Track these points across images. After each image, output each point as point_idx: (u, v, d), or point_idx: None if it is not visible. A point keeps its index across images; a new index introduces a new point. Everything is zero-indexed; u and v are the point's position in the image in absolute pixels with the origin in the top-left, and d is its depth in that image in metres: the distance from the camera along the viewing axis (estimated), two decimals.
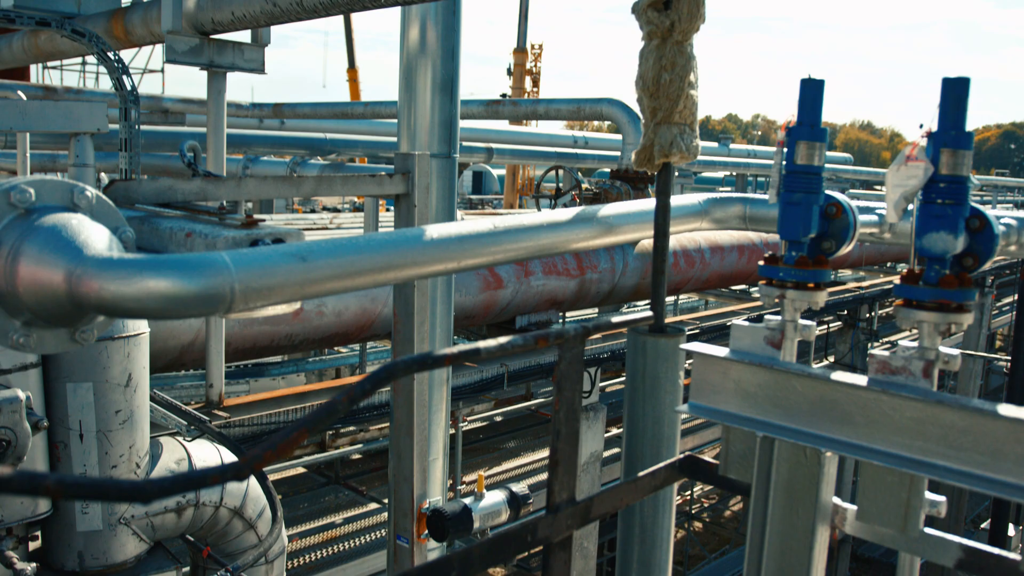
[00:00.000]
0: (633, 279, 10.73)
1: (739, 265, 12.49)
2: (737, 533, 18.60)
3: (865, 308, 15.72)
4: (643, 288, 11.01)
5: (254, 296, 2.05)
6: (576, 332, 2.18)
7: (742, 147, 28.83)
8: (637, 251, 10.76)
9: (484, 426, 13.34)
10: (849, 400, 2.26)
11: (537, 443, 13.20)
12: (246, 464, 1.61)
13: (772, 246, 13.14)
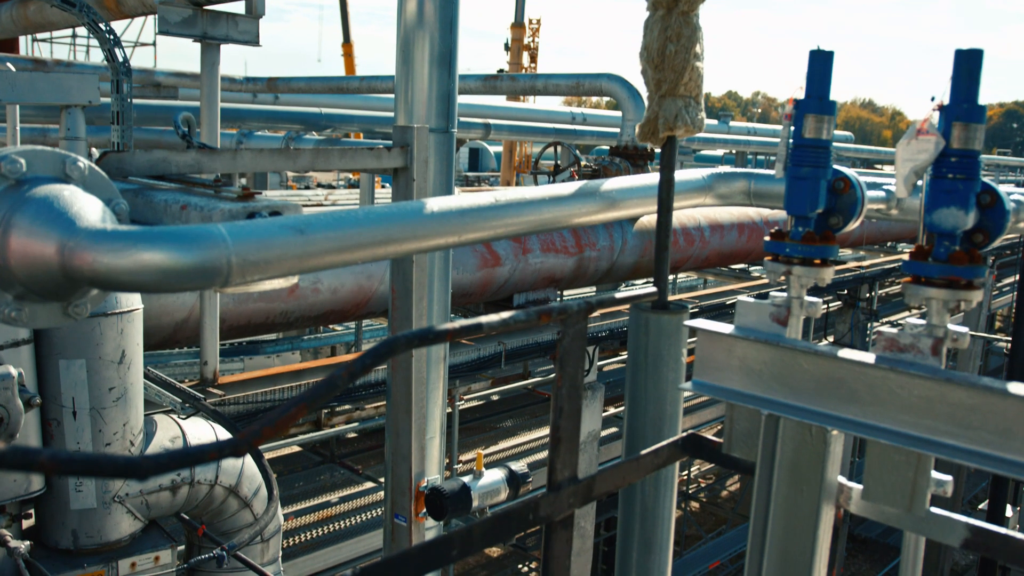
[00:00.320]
0: (632, 257, 10.70)
1: (739, 243, 12.46)
2: (734, 513, 18.69)
3: (865, 288, 15.72)
4: (642, 266, 10.98)
5: (251, 269, 2.03)
6: (579, 307, 2.16)
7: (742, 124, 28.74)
8: (636, 229, 10.72)
9: (481, 405, 13.34)
10: (856, 378, 2.24)
11: (534, 422, 13.22)
12: (244, 440, 1.59)
13: (772, 224, 13.10)
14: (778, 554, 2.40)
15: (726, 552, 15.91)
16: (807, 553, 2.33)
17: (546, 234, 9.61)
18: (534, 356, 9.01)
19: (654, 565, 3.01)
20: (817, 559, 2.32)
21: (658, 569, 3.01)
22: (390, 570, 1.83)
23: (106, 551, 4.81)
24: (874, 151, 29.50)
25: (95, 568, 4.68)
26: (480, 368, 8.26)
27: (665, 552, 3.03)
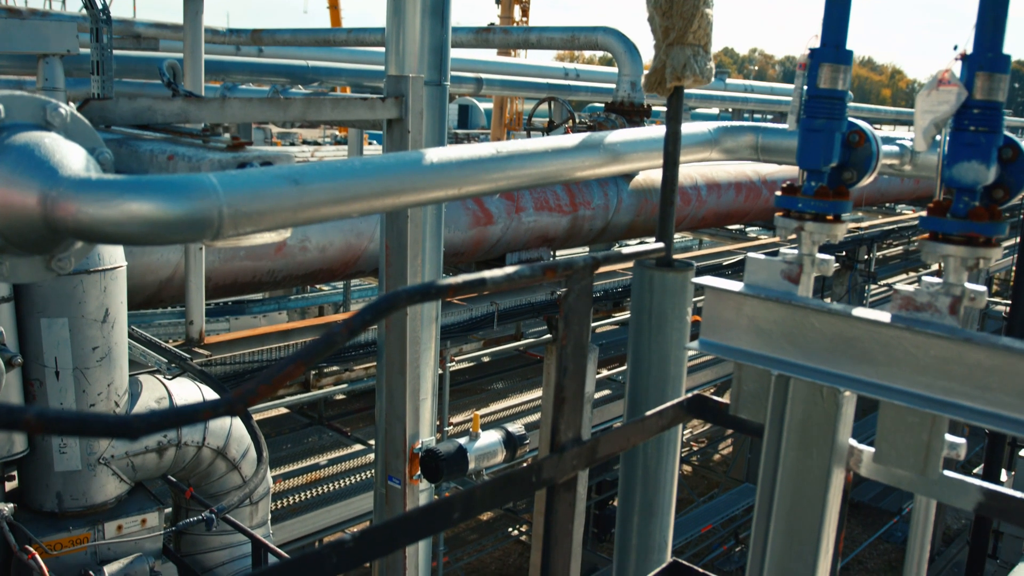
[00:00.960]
0: (627, 216, 10.65)
1: (736, 203, 12.42)
2: (727, 477, 18.84)
3: (864, 249, 15.72)
4: (637, 226, 10.94)
5: (243, 221, 1.97)
6: (585, 263, 2.11)
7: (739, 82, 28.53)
8: (632, 187, 10.66)
9: (471, 367, 13.34)
10: (870, 338, 2.20)
11: (525, 384, 13.23)
12: (239, 399, 1.54)
13: (771, 184, 13.06)
14: (785, 519, 2.38)
15: (718, 516, 16.06)
16: (816, 518, 2.31)
17: (540, 192, 9.54)
18: (527, 317, 8.98)
19: (655, 529, 2.99)
20: (827, 524, 2.30)
21: (659, 533, 3.00)
22: (391, 533, 1.80)
23: (91, 514, 4.78)
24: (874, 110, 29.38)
25: (80, 531, 4.66)
26: (472, 329, 8.23)
27: (667, 516, 3.01)
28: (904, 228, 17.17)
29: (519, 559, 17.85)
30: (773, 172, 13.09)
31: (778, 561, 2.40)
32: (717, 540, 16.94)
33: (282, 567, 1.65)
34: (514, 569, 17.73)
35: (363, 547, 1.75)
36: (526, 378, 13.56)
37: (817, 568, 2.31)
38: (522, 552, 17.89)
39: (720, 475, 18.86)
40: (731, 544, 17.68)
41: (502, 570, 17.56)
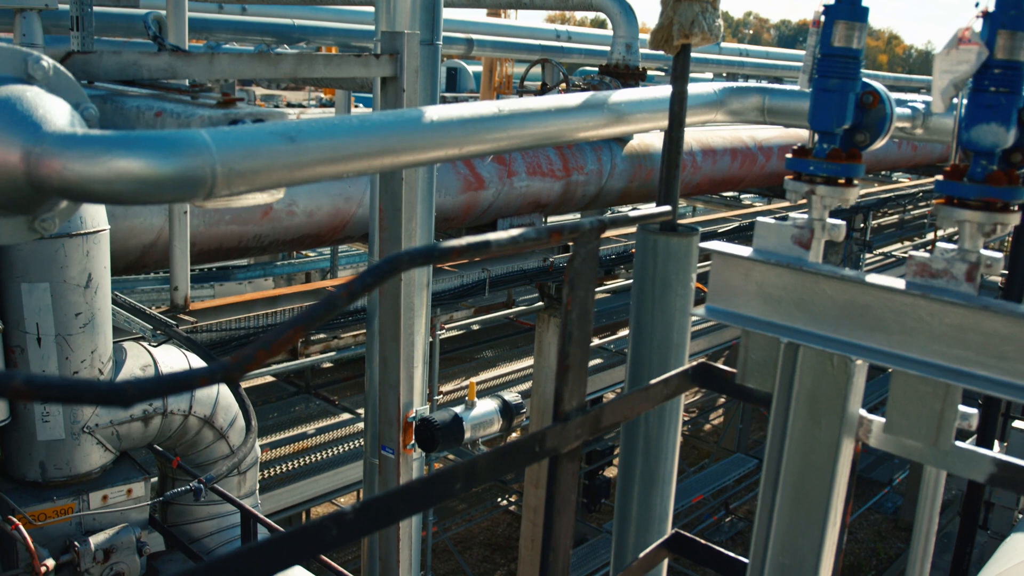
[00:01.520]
0: (620, 182, 10.59)
1: (732, 170, 12.36)
2: (717, 447, 18.95)
3: (860, 217, 15.72)
4: (631, 191, 10.88)
5: (237, 179, 1.91)
6: (592, 226, 2.07)
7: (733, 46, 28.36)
8: (626, 152, 10.60)
9: (460, 335, 13.33)
10: (883, 305, 2.17)
11: (515, 353, 13.23)
12: (237, 365, 1.50)
13: (767, 151, 13.01)
14: (792, 490, 2.36)
15: (709, 487, 16.17)
16: (824, 489, 2.30)
17: (532, 156, 9.47)
18: (519, 284, 8.94)
19: (656, 499, 2.98)
20: (835, 495, 2.29)
21: (660, 503, 2.99)
22: (392, 504, 1.77)
23: (76, 483, 4.75)
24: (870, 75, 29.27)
25: (65, 501, 4.63)
26: (463, 296, 8.19)
27: (668, 486, 3.00)
28: (901, 196, 17.17)
29: (508, 529, 17.96)
30: (770, 138, 13.03)
31: (784, 533, 2.38)
32: (708, 511, 17.07)
33: (281, 539, 1.62)
34: (503, 539, 17.85)
35: (363, 519, 1.72)
36: (516, 346, 13.55)
37: (824, 540, 2.30)
38: (511, 522, 18.00)
39: (711, 445, 18.98)
40: (721, 514, 17.83)
41: (490, 540, 17.68)
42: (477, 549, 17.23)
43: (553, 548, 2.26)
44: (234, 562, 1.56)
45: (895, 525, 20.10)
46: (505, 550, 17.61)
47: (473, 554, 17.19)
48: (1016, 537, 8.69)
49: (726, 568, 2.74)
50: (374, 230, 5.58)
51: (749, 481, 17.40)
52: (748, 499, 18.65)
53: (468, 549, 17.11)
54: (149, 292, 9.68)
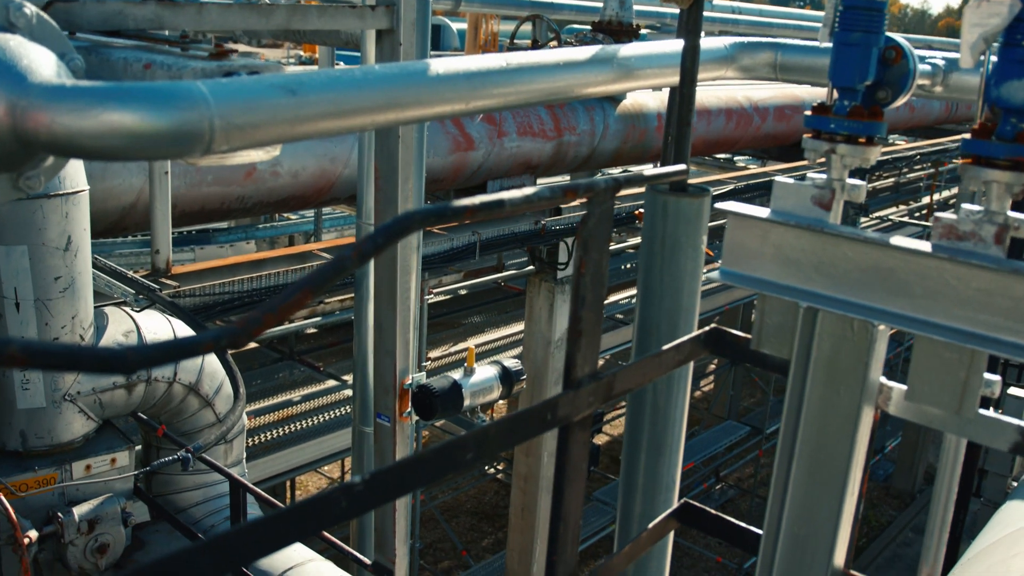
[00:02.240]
0: (613, 143, 10.52)
1: (726, 131, 12.30)
2: (708, 414, 19.05)
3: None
4: (624, 152, 10.82)
5: (236, 134, 1.85)
6: (607, 185, 2.02)
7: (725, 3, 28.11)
8: (619, 112, 10.52)
9: (447, 300, 13.28)
10: (907, 268, 2.14)
11: (503, 319, 13.20)
12: (243, 329, 1.45)
13: (762, 112, 12.94)
14: (808, 459, 2.34)
15: (699, 454, 16.27)
16: (842, 458, 2.27)
17: (523, 116, 9.38)
18: (510, 247, 8.89)
19: (663, 467, 2.96)
20: (854, 465, 2.26)
21: (668, 472, 2.97)
22: (403, 475, 1.73)
23: (58, 453, 4.70)
24: None
25: (47, 471, 4.58)
26: (453, 260, 8.14)
27: (675, 454, 2.98)
28: (897, 159, 17.16)
29: (495, 497, 18.06)
30: (766, 98, 12.96)
31: (800, 503, 2.37)
32: (698, 479, 17.20)
33: (289, 512, 1.58)
34: (489, 507, 17.95)
35: (374, 490, 1.68)
36: (504, 312, 13.53)
37: (842, 510, 2.28)
38: (497, 491, 18.09)
39: (702, 412, 19.07)
40: (712, 482, 17.96)
41: (478, 508, 17.78)
42: (464, 517, 17.33)
43: (563, 519, 2.23)
44: (242, 535, 1.52)
45: (887, 492, 20.34)
46: (492, 518, 17.72)
47: (460, 522, 17.28)
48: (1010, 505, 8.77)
49: (736, 538, 2.72)
50: (363, 191, 5.51)
51: (740, 448, 17.53)
52: (738, 467, 18.80)
53: (455, 517, 17.21)
54: (128, 256, 9.57)
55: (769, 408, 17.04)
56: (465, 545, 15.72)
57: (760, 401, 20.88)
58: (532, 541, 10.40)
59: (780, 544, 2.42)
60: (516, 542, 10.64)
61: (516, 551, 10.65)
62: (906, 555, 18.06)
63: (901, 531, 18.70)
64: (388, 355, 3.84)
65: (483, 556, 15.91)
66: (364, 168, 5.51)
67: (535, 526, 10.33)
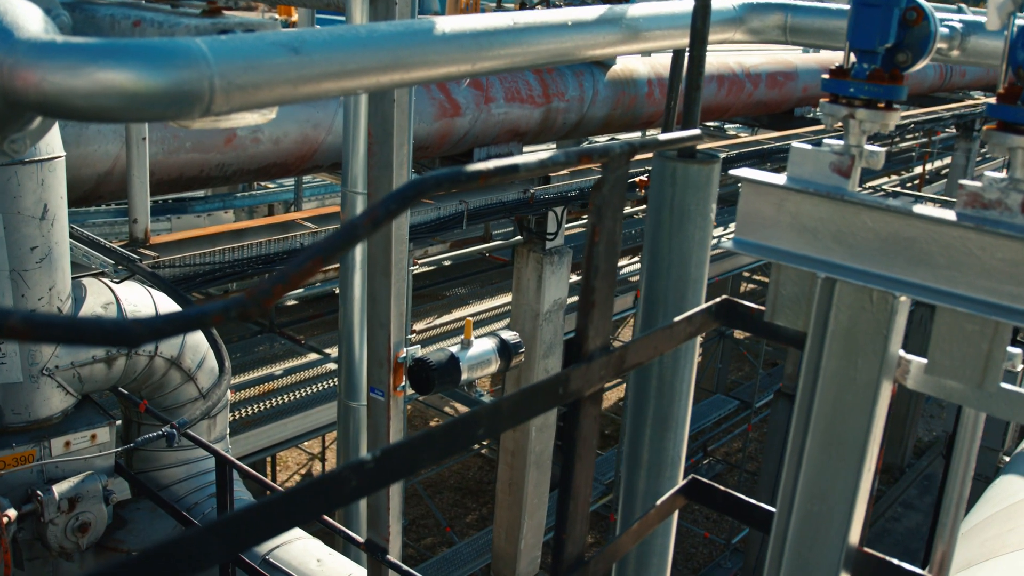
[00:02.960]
0: (603, 109, 10.46)
1: (718, 98, 12.26)
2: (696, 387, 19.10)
3: None
4: (614, 119, 10.77)
5: (237, 95, 1.79)
6: (622, 150, 1.99)
7: None
8: (608, 78, 10.45)
9: (431, 271, 13.22)
10: (929, 238, 2.12)
11: (488, 290, 13.15)
12: (253, 300, 1.41)
13: (755, 78, 12.89)
14: (824, 434, 2.33)
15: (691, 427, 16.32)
16: (859, 433, 2.26)
17: (511, 81, 9.30)
18: (498, 216, 8.84)
19: (669, 443, 2.95)
20: (871, 440, 2.25)
21: (673, 447, 2.95)
22: (414, 452, 1.70)
23: (36, 429, 4.64)
24: None
25: (25, 448, 4.53)
26: (440, 229, 8.08)
27: (682, 429, 2.96)
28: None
29: (479, 472, 18.12)
30: (758, 64, 12.92)
31: (814, 479, 2.35)
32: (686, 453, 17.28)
33: (298, 492, 1.55)
34: (473, 483, 18.02)
35: (384, 468, 1.65)
36: (490, 283, 13.48)
37: (859, 486, 2.27)
38: (482, 466, 18.16)
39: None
40: (699, 457, 18.07)
41: (461, 484, 17.84)
42: (448, 493, 17.39)
43: (573, 496, 2.21)
44: (249, 517, 1.48)
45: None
46: (476, 494, 17.79)
47: (444, 498, 17.35)
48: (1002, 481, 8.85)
49: (746, 516, 2.71)
50: (348, 158, 5.43)
51: (729, 423, 17.63)
52: (726, 441, 18.92)
53: (439, 493, 17.26)
54: (102, 226, 9.45)
55: (758, 382, 17.12)
56: (449, 521, 15.79)
57: (748, 374, 21.00)
58: (519, 517, 10.43)
59: (793, 521, 2.41)
60: (503, 518, 10.66)
61: (503, 528, 10.67)
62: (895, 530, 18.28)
63: (890, 506, 18.90)
64: (382, 328, 3.80)
65: (467, 532, 15.98)
66: (350, 134, 5.43)
67: (522, 502, 10.36)
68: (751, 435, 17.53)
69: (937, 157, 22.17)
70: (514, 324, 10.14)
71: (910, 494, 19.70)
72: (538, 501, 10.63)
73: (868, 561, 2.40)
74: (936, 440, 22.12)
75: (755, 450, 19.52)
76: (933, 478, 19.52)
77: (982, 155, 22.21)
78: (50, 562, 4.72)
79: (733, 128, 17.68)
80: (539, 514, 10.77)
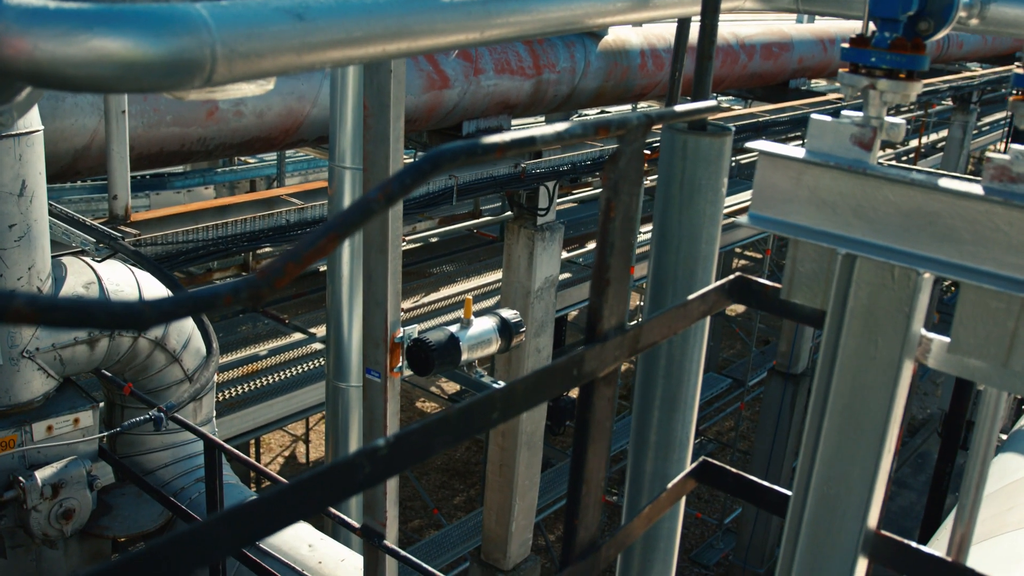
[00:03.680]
0: (595, 81, 10.40)
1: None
2: None
3: None
4: (606, 91, 10.71)
5: (240, 63, 1.74)
6: (639, 121, 1.95)
7: None
8: (600, 49, 10.38)
9: (417, 248, 13.16)
10: (954, 212, 2.09)
11: (476, 268, 13.10)
12: (264, 280, 1.37)
13: (749, 49, 12.84)
14: (841, 416, 2.31)
15: None
16: (880, 413, 2.24)
17: (500, 52, 9.23)
18: (489, 192, 8.78)
19: (678, 424, 2.92)
20: (892, 421, 2.23)
21: (682, 428, 2.93)
22: (428, 436, 1.67)
23: (16, 413, 4.59)
24: None
25: (6, 432, 4.48)
26: (429, 205, 8.02)
27: (691, 409, 2.94)
28: None
29: (467, 454, 18.14)
30: (752, 35, 12.86)
31: (831, 462, 2.34)
32: None
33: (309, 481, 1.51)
34: (461, 464, 18.04)
35: (399, 453, 1.62)
36: (478, 260, 13.43)
37: (879, 469, 2.25)
38: (469, 447, 18.17)
39: None
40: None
41: (448, 465, 17.87)
42: (434, 475, 17.41)
43: (586, 480, 2.19)
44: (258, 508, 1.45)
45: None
46: (464, 475, 17.82)
47: (430, 480, 17.37)
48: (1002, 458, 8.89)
49: (760, 498, 2.70)
50: (336, 131, 5.38)
51: (721, 402, 17.69)
52: (718, 420, 18.99)
53: (425, 475, 17.28)
54: (79, 203, 9.35)
55: (751, 360, 17.17)
56: (436, 503, 15.80)
57: (741, 352, 21.07)
58: (510, 499, 10.44)
59: (809, 504, 2.40)
60: (493, 500, 10.67)
61: (494, 510, 10.68)
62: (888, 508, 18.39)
63: None
64: (378, 306, 3.76)
65: (455, 514, 16.02)
66: (337, 106, 5.38)
67: (513, 483, 10.36)
68: (744, 414, 17.58)
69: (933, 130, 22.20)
70: (504, 302, 10.11)
71: (904, 472, 19.85)
72: (529, 482, 10.64)
73: (887, 544, 2.39)
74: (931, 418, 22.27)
75: (747, 429, 19.60)
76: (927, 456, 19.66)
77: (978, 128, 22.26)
78: (33, 550, 4.68)
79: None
80: (530, 495, 10.78)
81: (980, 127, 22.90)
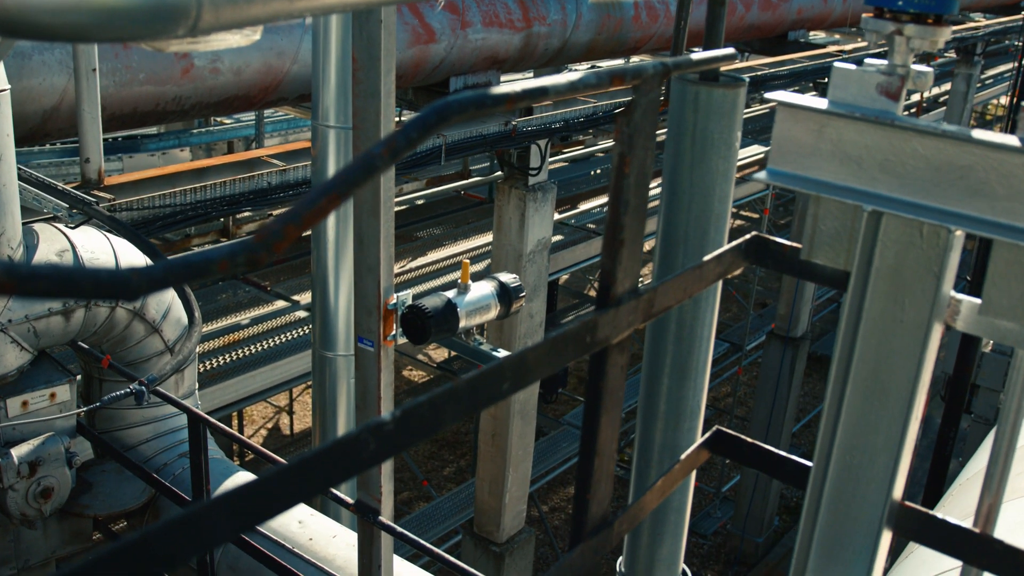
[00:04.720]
0: (587, 34, 10.28)
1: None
2: None
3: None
4: (598, 45, 10.59)
5: (227, 9, 1.66)
6: (655, 70, 1.88)
7: None
8: (592, 0, 10.25)
9: (403, 210, 13.07)
10: (988, 166, 2.04)
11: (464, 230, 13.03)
12: (263, 243, 1.31)
13: (747, 2, 12.71)
14: (865, 382, 2.26)
15: None
16: (906, 379, 2.19)
17: (489, 4, 9.10)
18: (478, 151, 8.69)
19: (688, 392, 2.88)
20: (919, 387, 2.19)
21: (693, 397, 2.89)
22: (436, 410, 1.61)
23: None
24: None
25: None
26: (417, 165, 7.93)
27: (702, 377, 2.89)
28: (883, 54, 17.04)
29: (461, 424, 18.14)
30: None
31: (854, 429, 2.29)
32: None
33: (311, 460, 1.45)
34: (450, 434, 18.08)
35: (406, 428, 1.57)
36: (466, 223, 13.35)
37: (905, 437, 2.21)
38: None
39: None
40: None
41: (437, 436, 17.87)
42: (424, 446, 17.42)
43: (599, 452, 2.14)
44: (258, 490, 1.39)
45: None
46: (453, 446, 17.86)
47: (419, 451, 17.40)
48: None
49: (776, 468, 2.66)
50: (319, 88, 5.28)
51: (718, 367, 17.71)
52: (715, 385, 19.02)
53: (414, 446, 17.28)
54: (48, 167, 9.20)
55: (749, 323, 17.17)
56: (425, 475, 15.83)
57: (738, 316, 21.09)
58: (503, 470, 10.44)
59: (831, 475, 2.36)
60: (486, 471, 10.67)
61: (486, 481, 10.69)
62: None
63: None
64: (371, 272, 3.68)
65: (445, 486, 16.05)
66: (320, 62, 5.27)
67: (506, 453, 10.36)
68: (741, 379, 17.61)
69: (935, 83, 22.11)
70: (495, 266, 10.04)
71: None
72: (523, 452, 10.64)
73: (912, 516, 2.35)
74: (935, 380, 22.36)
75: (745, 395, 19.66)
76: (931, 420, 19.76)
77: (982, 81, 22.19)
78: (11, 530, 4.63)
79: None
80: (524, 466, 10.79)
81: (984, 80, 22.84)
